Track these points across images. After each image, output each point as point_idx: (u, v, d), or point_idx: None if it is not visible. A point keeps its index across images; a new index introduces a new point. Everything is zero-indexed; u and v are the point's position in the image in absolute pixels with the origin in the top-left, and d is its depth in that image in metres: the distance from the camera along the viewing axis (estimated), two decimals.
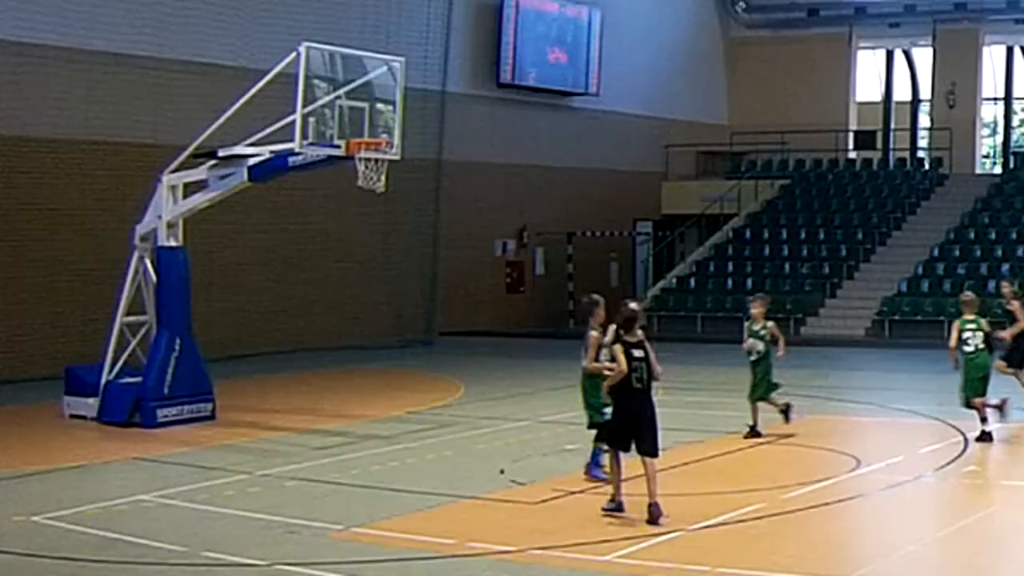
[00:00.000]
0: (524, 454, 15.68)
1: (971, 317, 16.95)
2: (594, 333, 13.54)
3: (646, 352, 12.42)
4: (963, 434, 16.98)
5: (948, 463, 15.22)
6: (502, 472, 14.64)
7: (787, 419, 17.07)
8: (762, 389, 17.19)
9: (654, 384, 12.53)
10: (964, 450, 16.08)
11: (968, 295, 17.59)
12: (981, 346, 16.83)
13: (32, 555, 11.28)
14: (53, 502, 13.31)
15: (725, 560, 10.85)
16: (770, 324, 17.21)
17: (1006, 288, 19.18)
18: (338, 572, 10.63)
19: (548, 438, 16.98)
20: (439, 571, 10.93)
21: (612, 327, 13.36)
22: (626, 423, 12.48)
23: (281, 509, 12.98)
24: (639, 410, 12.42)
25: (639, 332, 12.46)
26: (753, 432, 16.94)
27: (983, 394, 16.77)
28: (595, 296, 13.94)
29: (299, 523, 12.26)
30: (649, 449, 12.37)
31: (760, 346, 17.07)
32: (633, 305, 12.69)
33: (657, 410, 12.52)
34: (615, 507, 12.50)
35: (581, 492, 13.73)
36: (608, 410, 13.25)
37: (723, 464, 15.63)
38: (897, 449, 16.46)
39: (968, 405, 16.90)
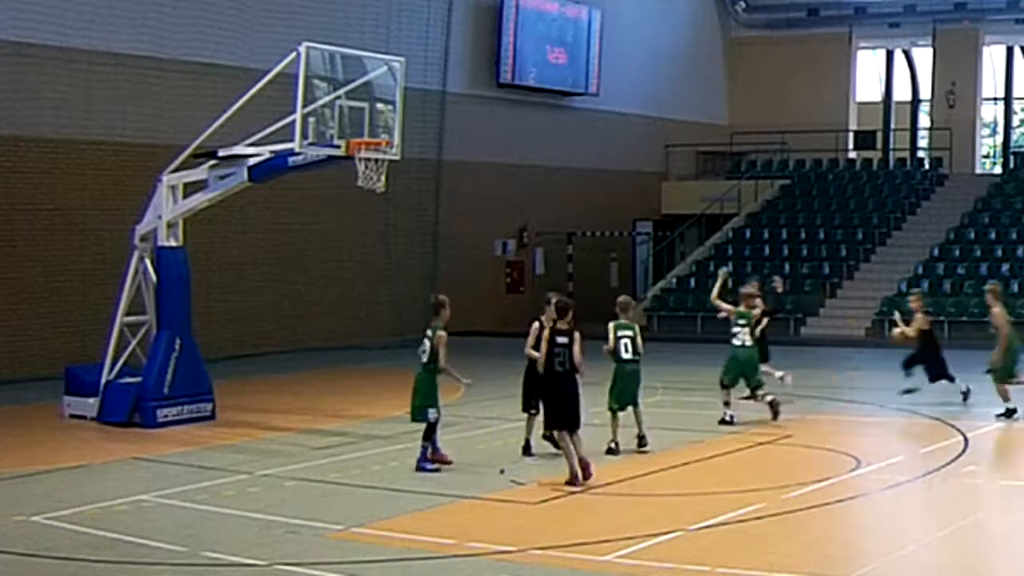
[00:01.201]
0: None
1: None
2: (442, 333, 14.73)
3: (571, 340, 13.84)
4: (963, 434, 17.00)
5: (948, 463, 15.22)
6: (502, 472, 14.65)
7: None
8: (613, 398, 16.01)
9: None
10: (964, 450, 16.08)
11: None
12: (748, 341, 18.21)
13: (32, 555, 11.29)
14: (53, 502, 13.32)
15: (725, 560, 10.86)
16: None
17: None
18: (338, 572, 10.64)
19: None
20: (439, 571, 10.93)
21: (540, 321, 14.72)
22: (556, 403, 13.97)
23: (281, 509, 12.98)
24: (563, 391, 13.88)
25: (569, 321, 13.96)
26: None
27: (735, 384, 18.24)
28: (441, 297, 15.17)
29: (299, 523, 12.26)
30: (574, 424, 13.90)
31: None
32: (558, 297, 14.39)
33: (581, 389, 13.95)
34: (572, 481, 13.81)
35: (581, 492, 13.75)
36: (431, 412, 14.67)
37: (723, 464, 15.63)
38: (897, 449, 16.47)
39: (723, 386, 18.26)
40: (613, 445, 15.77)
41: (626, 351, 15.75)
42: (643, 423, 16.03)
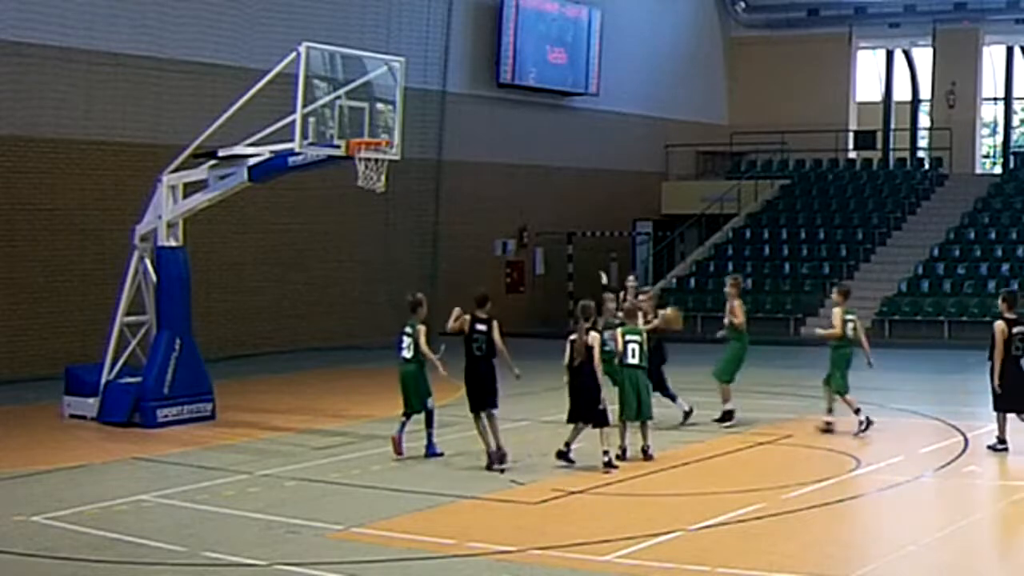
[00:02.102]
0: (524, 454, 15.68)
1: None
2: (421, 327, 15.71)
3: (489, 328, 14.98)
4: (963, 434, 17.00)
5: (948, 463, 15.22)
6: (502, 472, 14.65)
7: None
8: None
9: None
10: (964, 450, 16.08)
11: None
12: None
13: (32, 555, 11.29)
14: (53, 502, 13.32)
15: (725, 560, 10.86)
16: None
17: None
18: (338, 572, 10.64)
19: (548, 438, 16.90)
20: (439, 571, 10.93)
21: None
22: (471, 385, 15.00)
23: (281, 509, 12.99)
24: (480, 373, 14.97)
25: (487, 310, 15.12)
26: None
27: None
28: (419, 295, 16.19)
29: (299, 523, 12.27)
30: (487, 404, 14.94)
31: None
32: (479, 290, 15.68)
33: (498, 372, 15.01)
34: (496, 460, 14.82)
35: (581, 492, 13.76)
36: (430, 400, 15.82)
37: (723, 464, 15.64)
38: (897, 449, 16.46)
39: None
40: (620, 451, 15.51)
41: (633, 356, 15.58)
42: (648, 436, 15.76)
